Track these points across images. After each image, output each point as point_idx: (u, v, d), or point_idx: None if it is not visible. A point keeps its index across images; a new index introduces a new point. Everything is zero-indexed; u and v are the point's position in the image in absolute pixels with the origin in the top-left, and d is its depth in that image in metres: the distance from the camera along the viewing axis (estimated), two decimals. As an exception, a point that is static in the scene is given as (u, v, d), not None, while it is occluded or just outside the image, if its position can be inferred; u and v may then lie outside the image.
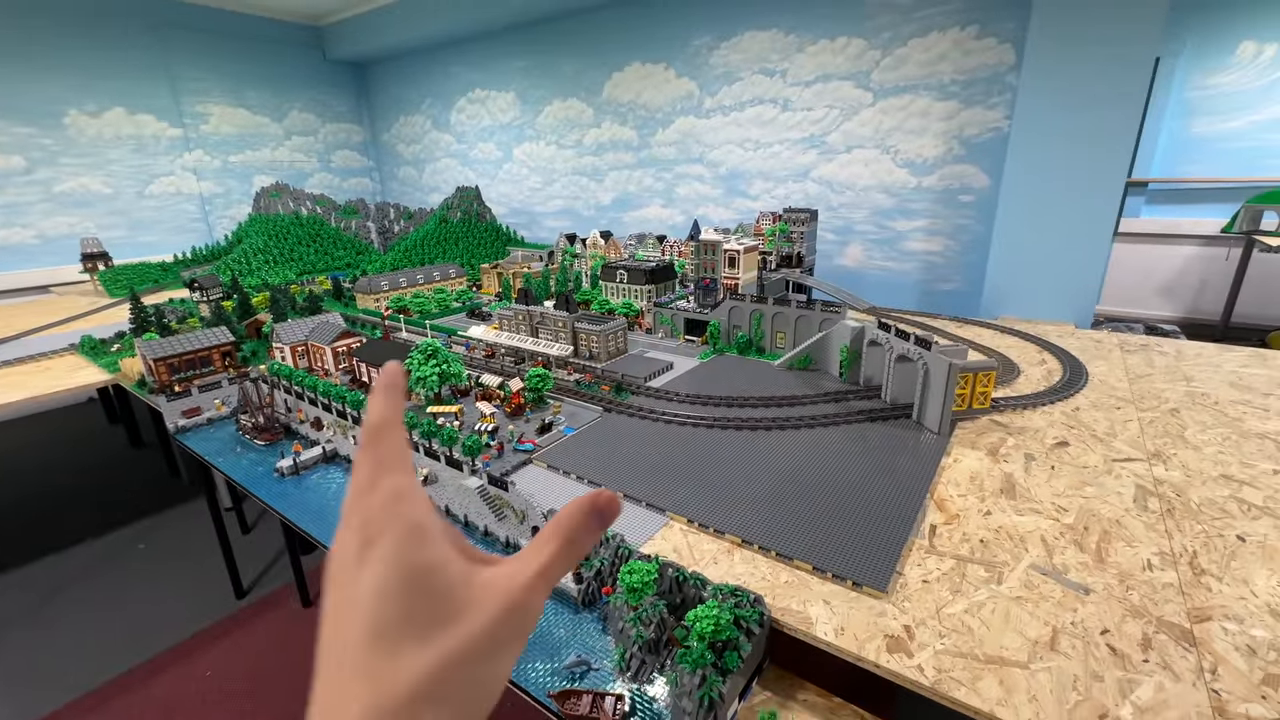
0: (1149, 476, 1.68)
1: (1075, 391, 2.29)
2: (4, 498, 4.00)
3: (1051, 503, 1.57)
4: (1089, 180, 3.16)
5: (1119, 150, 3.07)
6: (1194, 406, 2.13)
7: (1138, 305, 7.73)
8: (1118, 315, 7.63)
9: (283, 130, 6.85)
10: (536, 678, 1.18)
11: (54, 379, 2.82)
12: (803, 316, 2.62)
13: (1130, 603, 1.22)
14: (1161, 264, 7.44)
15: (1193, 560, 1.33)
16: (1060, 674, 1.05)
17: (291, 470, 2.02)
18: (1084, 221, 3.25)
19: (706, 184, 4.95)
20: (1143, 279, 7.61)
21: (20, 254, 5.24)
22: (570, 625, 1.32)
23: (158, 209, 6.06)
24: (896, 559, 1.35)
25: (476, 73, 6.22)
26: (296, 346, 2.71)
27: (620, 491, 1.68)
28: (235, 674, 2.57)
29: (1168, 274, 7.42)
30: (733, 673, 1.08)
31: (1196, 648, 1.10)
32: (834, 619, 1.20)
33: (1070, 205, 3.23)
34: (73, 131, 5.40)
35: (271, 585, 3.13)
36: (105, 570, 3.26)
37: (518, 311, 2.91)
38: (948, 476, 1.72)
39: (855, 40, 3.96)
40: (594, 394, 2.32)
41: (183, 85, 5.97)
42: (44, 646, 2.74)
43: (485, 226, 5.68)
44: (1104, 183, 3.15)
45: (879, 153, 4.08)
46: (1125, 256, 7.67)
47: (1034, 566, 1.33)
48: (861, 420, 2.08)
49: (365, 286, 3.84)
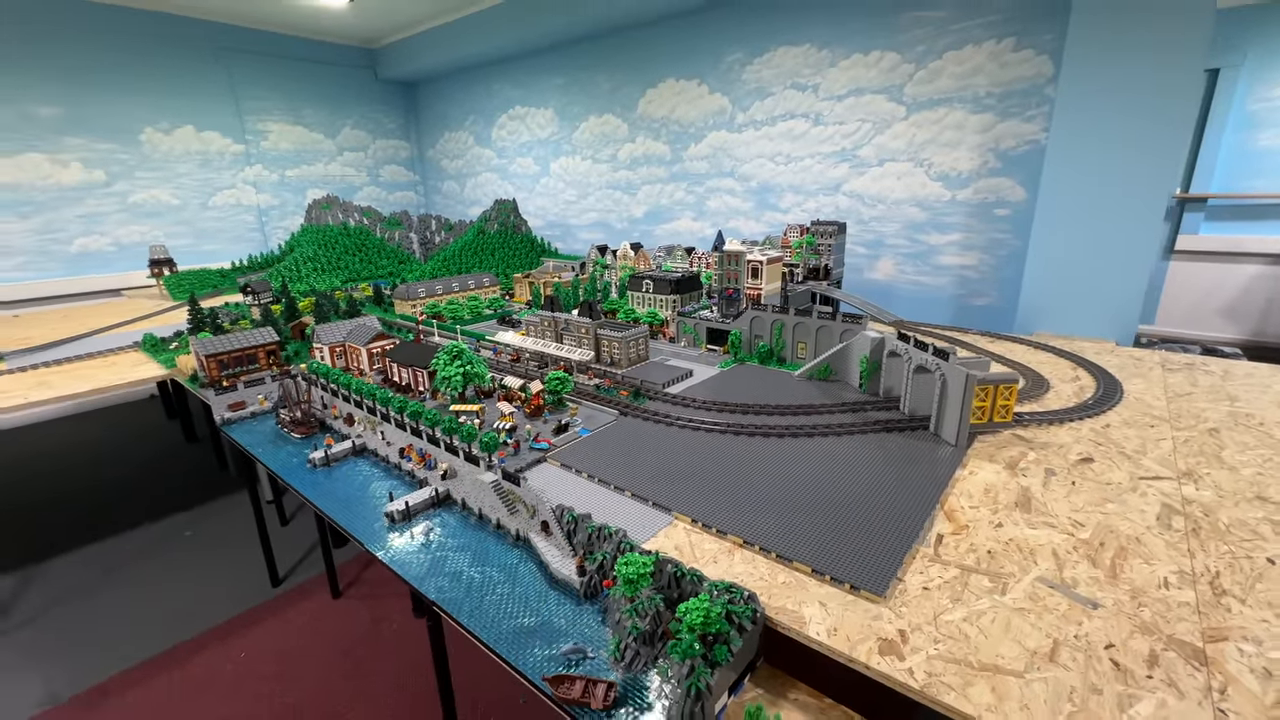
0: (1177, 495, 1.62)
1: (1107, 408, 2.21)
2: (73, 485, 4.30)
3: (1068, 517, 1.53)
4: (1130, 194, 3.06)
5: (1164, 164, 2.96)
6: (1235, 427, 2.04)
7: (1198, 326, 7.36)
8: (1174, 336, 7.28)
9: (335, 146, 7.23)
10: (534, 663, 1.22)
11: (117, 373, 3.04)
12: (823, 327, 2.61)
13: (1141, 619, 1.18)
14: (1224, 283, 7.08)
15: (1214, 580, 1.28)
16: (1056, 685, 1.03)
17: (323, 461, 2.13)
18: (1125, 236, 3.13)
19: (737, 197, 4.99)
20: (1203, 299, 7.25)
21: (98, 259, 5.67)
22: (571, 616, 1.36)
23: (219, 219, 6.46)
24: (898, 566, 1.34)
25: (517, 90, 6.44)
26: (335, 347, 2.86)
27: (628, 490, 1.72)
28: (266, 657, 2.70)
29: (1231, 294, 7.06)
30: (722, 666, 1.10)
31: (1207, 667, 1.06)
32: (828, 620, 1.21)
33: (1110, 219, 3.13)
34: (147, 148, 5.83)
35: (305, 576, 3.27)
36: (156, 553, 3.47)
37: (544, 318, 3.00)
38: (961, 488, 1.69)
39: (889, 54, 3.96)
40: (612, 398, 2.37)
41: (246, 104, 6.39)
42: (101, 618, 2.94)
43: (521, 238, 5.85)
44: (1146, 197, 3.04)
45: (912, 166, 4.04)
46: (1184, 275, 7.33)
47: (1041, 579, 1.30)
48: (878, 430, 2.06)
49: (404, 293, 4.01)
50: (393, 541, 1.66)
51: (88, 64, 5.35)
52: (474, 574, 1.50)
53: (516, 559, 1.56)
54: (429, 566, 1.54)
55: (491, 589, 1.45)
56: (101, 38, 5.38)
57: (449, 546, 1.63)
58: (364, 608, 3.00)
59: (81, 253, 5.61)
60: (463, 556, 1.58)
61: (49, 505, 4.03)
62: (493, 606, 1.38)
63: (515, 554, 1.58)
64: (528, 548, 1.60)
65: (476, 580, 1.48)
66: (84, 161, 5.49)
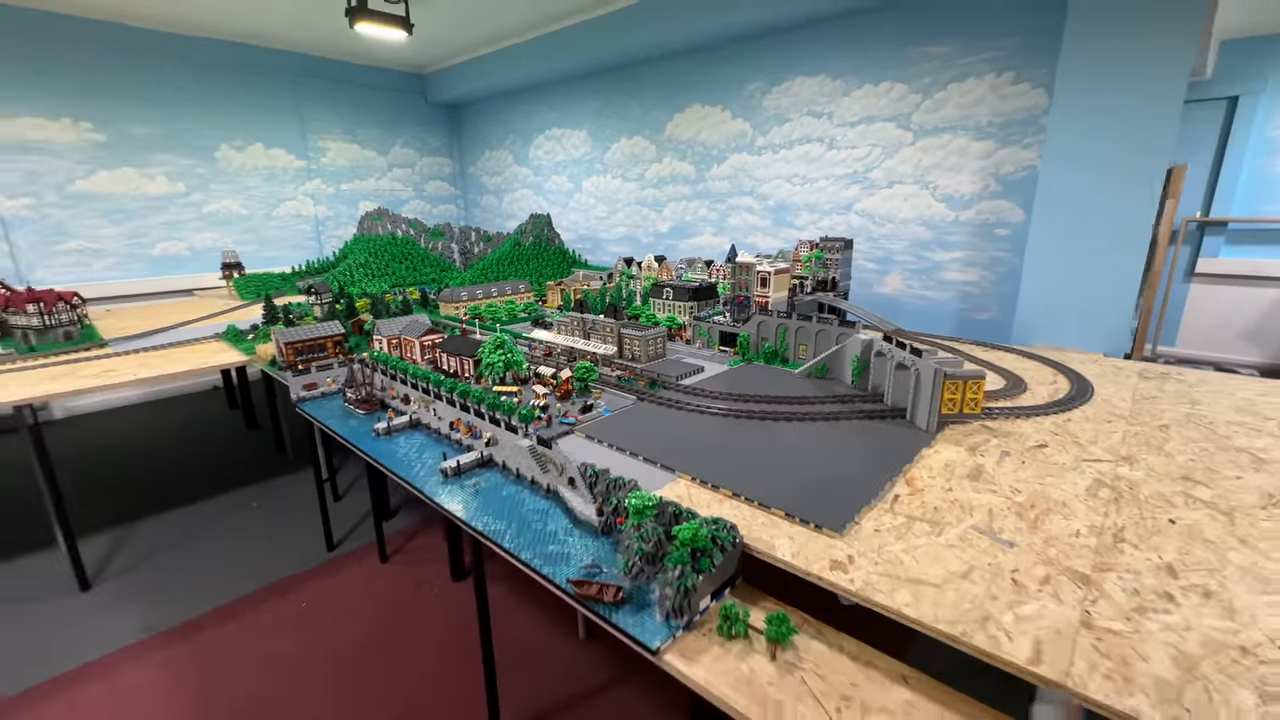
0: (1111, 474, 1.88)
1: (1073, 407, 2.47)
2: (153, 461, 4.82)
3: (1010, 486, 1.81)
4: (1116, 217, 3.30)
5: (1146, 189, 3.20)
6: (1186, 424, 2.28)
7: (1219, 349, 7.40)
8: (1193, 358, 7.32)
9: (386, 163, 7.83)
10: (562, 575, 1.56)
11: (203, 358, 3.51)
12: (822, 331, 2.92)
13: (1046, 555, 1.46)
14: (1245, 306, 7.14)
15: (1118, 533, 1.55)
16: (963, 592, 1.33)
17: (385, 432, 2.52)
18: (1112, 257, 3.37)
19: (756, 215, 5.33)
20: (1224, 321, 7.31)
21: (175, 262, 6.29)
22: (592, 548, 1.69)
23: (281, 228, 7.07)
24: (856, 513, 1.65)
25: (554, 112, 6.92)
26: (392, 339, 3.28)
27: (640, 455, 2.06)
28: (325, 609, 3.09)
29: (1252, 317, 7.10)
30: (705, 573, 1.43)
31: (1088, 586, 1.34)
32: (793, 547, 1.52)
33: (1098, 241, 3.37)
34: (222, 163, 6.47)
35: (357, 543, 3.67)
36: (227, 520, 3.92)
37: (573, 318, 3.38)
38: (924, 463, 1.98)
39: (897, 85, 4.28)
40: (631, 387, 2.72)
41: (309, 125, 7.02)
42: (184, 570, 3.38)
43: (554, 250, 6.28)
44: (1131, 220, 3.27)
45: (918, 188, 4.33)
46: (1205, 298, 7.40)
47: (974, 527, 1.59)
48: (861, 418, 2.36)
49: (447, 296, 4.44)
50: (445, 491, 2.02)
51: (177, 89, 6.01)
52: (512, 517, 1.85)
53: (547, 506, 1.91)
54: (475, 510, 1.90)
55: (527, 527, 1.80)
56: (190, 66, 6.05)
57: (491, 497, 1.99)
58: (408, 572, 3.38)
59: (162, 255, 6.24)
60: (503, 504, 1.93)
61: (135, 477, 4.54)
62: (527, 539, 1.73)
63: (546, 503, 1.93)
64: (556, 498, 1.95)
65: (514, 521, 1.83)
66: (168, 175, 6.14)
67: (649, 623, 1.40)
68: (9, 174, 5.30)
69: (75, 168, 5.62)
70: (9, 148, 5.26)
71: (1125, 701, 1.04)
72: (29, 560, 3.48)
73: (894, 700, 1.22)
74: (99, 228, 5.82)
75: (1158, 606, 1.27)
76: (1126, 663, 1.12)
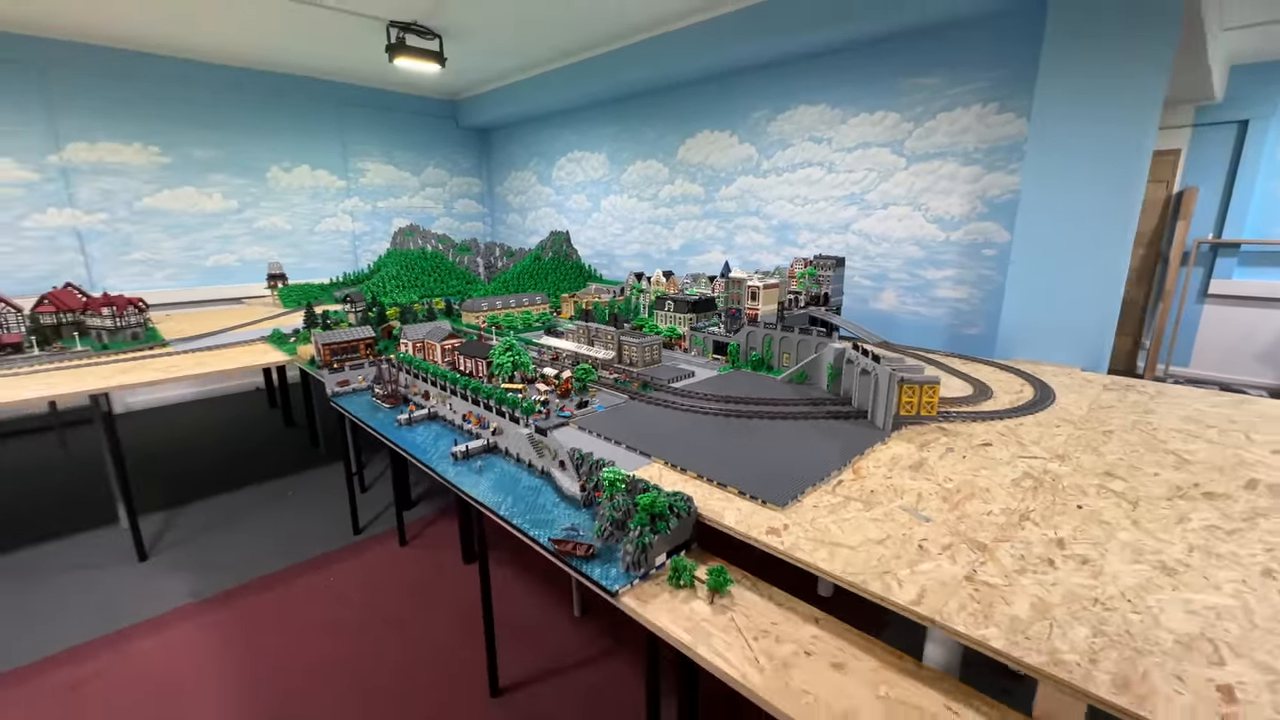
0: (1040, 468, 2.10)
1: (1030, 413, 2.67)
2: (202, 454, 5.29)
3: (945, 476, 2.04)
4: (1092, 239, 3.49)
5: (1121, 212, 3.38)
6: (1131, 430, 2.47)
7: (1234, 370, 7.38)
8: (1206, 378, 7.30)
9: (419, 183, 8.36)
10: (545, 536, 1.85)
11: (252, 357, 3.93)
12: (803, 341, 3.18)
13: (956, 529, 1.70)
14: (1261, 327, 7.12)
15: (1026, 514, 1.78)
16: (873, 553, 1.58)
17: (407, 422, 2.87)
18: (1089, 276, 3.55)
19: (761, 234, 5.61)
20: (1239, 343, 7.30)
21: (227, 273, 6.86)
22: (573, 517, 1.99)
23: (321, 243, 7.62)
24: (800, 493, 1.91)
25: (575, 136, 7.35)
26: (416, 343, 3.65)
27: (623, 443, 2.35)
28: (351, 584, 3.43)
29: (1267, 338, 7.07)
30: (661, 534, 1.70)
31: (983, 552, 1.58)
32: (739, 516, 1.79)
33: (1075, 261, 3.56)
34: (271, 183, 7.05)
35: (380, 529, 4.02)
36: (266, 505, 4.32)
37: (579, 326, 3.70)
38: (874, 456, 2.23)
39: (891, 114, 4.55)
40: (625, 388, 3.01)
41: (351, 148, 7.58)
42: (227, 548, 3.77)
43: (572, 265, 6.65)
44: (1107, 242, 3.46)
45: (911, 210, 4.57)
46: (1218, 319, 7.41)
47: (901, 506, 1.84)
48: (829, 418, 2.61)
49: (469, 307, 4.82)
50: (454, 471, 2.34)
51: (234, 115, 6.62)
52: (509, 492, 2.16)
53: (540, 484, 2.22)
54: (478, 486, 2.21)
55: (520, 500, 2.10)
56: (245, 95, 6.65)
57: (492, 476, 2.30)
58: (425, 555, 3.71)
59: (215, 266, 6.81)
60: (503, 481, 2.24)
61: (186, 466, 5.01)
62: (520, 509, 2.03)
63: (539, 481, 2.24)
64: (548, 478, 2.25)
65: (510, 495, 2.13)
66: (224, 193, 6.72)
67: (613, 572, 1.69)
68: (89, 192, 5.92)
69: (143, 186, 6.23)
70: (90, 170, 5.89)
71: (979, 632, 1.28)
72: (96, 534, 3.92)
73: (804, 634, 1.48)
74: (161, 241, 6.41)
75: (1037, 569, 1.51)
76: (992, 606, 1.36)
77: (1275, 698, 1.10)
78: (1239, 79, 6.40)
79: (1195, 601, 1.37)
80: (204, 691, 2.63)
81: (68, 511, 4.23)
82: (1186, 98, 6.49)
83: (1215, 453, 2.23)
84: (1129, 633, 1.27)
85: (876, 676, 1.35)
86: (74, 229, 5.90)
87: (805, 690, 1.30)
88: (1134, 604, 1.36)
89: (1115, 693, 1.12)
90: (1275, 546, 1.60)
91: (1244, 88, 6.39)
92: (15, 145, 5.53)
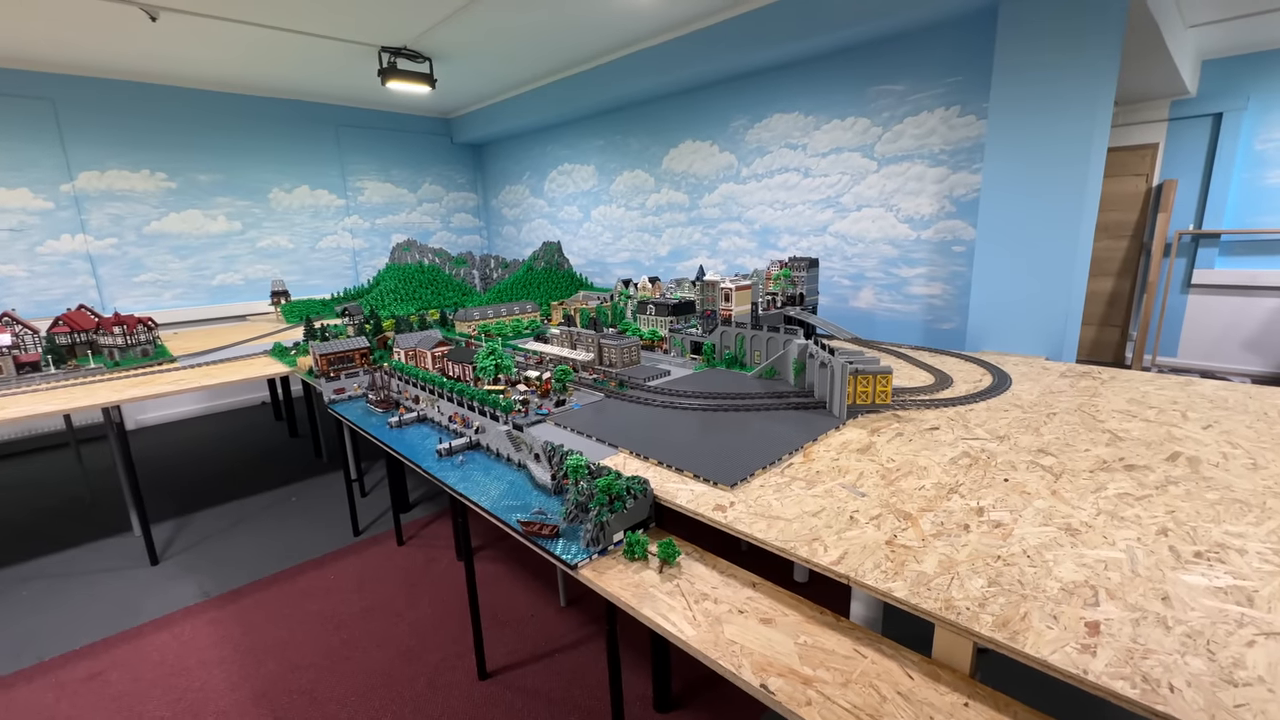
0: (979, 449, 2.25)
1: (982, 399, 2.82)
2: (210, 465, 5.50)
3: (889, 457, 2.20)
4: (1049, 233, 3.64)
5: (1072, 207, 3.53)
6: (1074, 413, 2.61)
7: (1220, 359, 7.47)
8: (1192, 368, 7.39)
9: (416, 199, 8.61)
10: (514, 518, 2.03)
11: (255, 370, 4.13)
12: (771, 338, 3.35)
13: (888, 503, 1.85)
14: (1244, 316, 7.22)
15: (954, 488, 1.93)
16: (806, 523, 1.74)
17: (397, 424, 3.05)
18: (1051, 269, 3.69)
19: (743, 238, 5.79)
20: (1224, 332, 7.40)
21: (231, 291, 7.11)
22: (544, 502, 2.16)
23: (323, 260, 7.86)
24: (749, 474, 2.07)
25: (565, 150, 7.57)
26: (409, 351, 3.84)
27: (594, 436, 2.52)
28: (351, 580, 3.60)
29: (1252, 327, 7.17)
30: (617, 513, 1.87)
31: (907, 521, 1.73)
32: (691, 496, 1.95)
33: (1034, 255, 3.71)
34: (273, 203, 7.31)
35: (378, 530, 4.20)
36: (271, 511, 4.51)
37: (563, 331, 3.88)
38: (826, 441, 2.38)
39: (861, 120, 4.73)
40: (603, 388, 3.19)
41: (349, 167, 7.85)
42: (233, 551, 3.96)
43: (563, 274, 6.85)
44: (1063, 235, 3.61)
45: (884, 211, 4.73)
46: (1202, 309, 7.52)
47: (840, 484, 2.00)
48: (790, 409, 2.77)
49: (462, 316, 5.02)
50: (439, 467, 2.52)
51: (237, 140, 6.89)
52: (488, 483, 2.33)
53: (515, 475, 2.39)
54: (460, 478, 2.39)
55: (498, 489, 2.27)
56: (247, 120, 6.93)
57: (475, 469, 2.47)
58: (420, 553, 3.88)
59: (220, 285, 7.06)
60: (482, 474, 2.42)
61: (195, 476, 5.22)
62: (495, 497, 2.21)
63: (515, 473, 2.41)
64: (523, 469, 2.42)
65: (490, 486, 2.31)
66: (228, 215, 6.99)
67: (574, 549, 1.85)
68: (100, 218, 6.19)
69: (151, 211, 6.50)
70: (101, 196, 6.16)
71: (886, 585, 1.44)
72: (111, 541, 4.12)
73: (740, 597, 1.63)
74: (168, 262, 6.67)
75: (953, 534, 1.66)
76: (903, 565, 1.52)
77: (1135, 630, 1.25)
78: (1210, 74, 6.54)
79: (1088, 556, 1.53)
80: (211, 679, 2.81)
81: (85, 521, 4.44)
82: (1161, 93, 6.64)
83: (1149, 430, 2.37)
84: (1020, 582, 1.43)
85: (799, 629, 1.51)
86: (86, 253, 6.17)
87: (733, 640, 1.46)
88: (1031, 559, 1.52)
89: (994, 630, 1.27)
90: (1177, 510, 1.74)
91: (1216, 82, 6.53)
92: (32, 177, 5.82)
